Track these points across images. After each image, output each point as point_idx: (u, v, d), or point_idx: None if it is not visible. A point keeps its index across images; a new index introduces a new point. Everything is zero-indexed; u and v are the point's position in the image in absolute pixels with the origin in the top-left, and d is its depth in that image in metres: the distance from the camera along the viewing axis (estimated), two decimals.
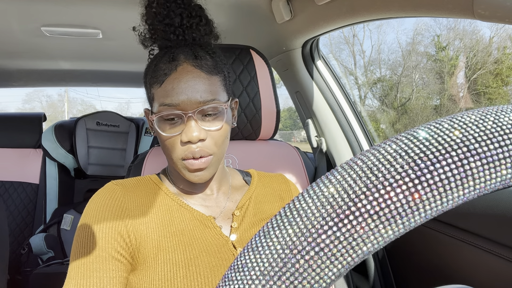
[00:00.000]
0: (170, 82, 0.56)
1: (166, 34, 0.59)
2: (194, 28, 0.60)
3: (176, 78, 0.56)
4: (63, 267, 1.49)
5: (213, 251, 0.58)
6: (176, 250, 0.56)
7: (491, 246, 0.74)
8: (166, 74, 0.56)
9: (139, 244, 0.56)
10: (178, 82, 0.55)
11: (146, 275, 0.55)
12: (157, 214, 0.59)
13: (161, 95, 0.56)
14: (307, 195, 0.20)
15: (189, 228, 0.59)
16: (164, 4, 0.59)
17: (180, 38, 0.59)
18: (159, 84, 0.57)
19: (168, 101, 0.55)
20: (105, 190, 0.59)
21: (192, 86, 0.56)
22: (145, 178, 0.65)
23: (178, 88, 0.55)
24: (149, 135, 2.05)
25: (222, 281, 0.21)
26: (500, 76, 11.97)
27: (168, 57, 0.57)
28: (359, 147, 1.23)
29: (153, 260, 0.55)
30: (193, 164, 0.56)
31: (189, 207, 0.61)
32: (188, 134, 0.55)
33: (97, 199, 0.58)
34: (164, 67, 0.57)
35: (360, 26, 11.39)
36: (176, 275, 0.54)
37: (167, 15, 0.59)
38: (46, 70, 1.84)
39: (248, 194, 0.68)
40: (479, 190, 0.19)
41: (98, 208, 0.56)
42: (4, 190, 1.81)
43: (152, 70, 0.59)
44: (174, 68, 0.56)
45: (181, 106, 0.55)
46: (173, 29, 0.59)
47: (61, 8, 1.06)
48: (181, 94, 0.55)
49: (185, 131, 0.55)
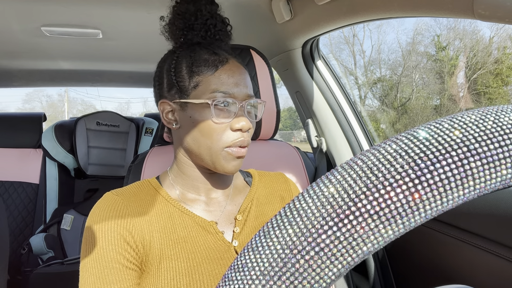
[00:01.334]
0: (224, 71, 0.59)
1: (201, 32, 0.63)
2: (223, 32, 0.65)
3: (230, 69, 0.59)
4: (63, 267, 1.49)
5: (216, 258, 0.58)
6: (179, 258, 0.56)
7: (491, 246, 0.74)
8: (219, 64, 0.59)
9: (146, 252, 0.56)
10: (232, 73, 0.59)
11: (150, 283, 0.54)
12: (159, 221, 0.59)
13: (214, 83, 0.58)
14: (307, 195, 0.20)
15: (191, 235, 0.59)
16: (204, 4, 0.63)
17: (216, 38, 0.63)
18: (212, 72, 0.58)
19: (224, 89, 0.58)
20: (106, 201, 0.59)
21: (244, 79, 0.60)
22: (144, 184, 0.64)
23: (233, 78, 0.59)
24: (149, 135, 2.05)
25: (222, 281, 0.21)
26: (500, 76, 11.97)
27: (209, 51, 0.60)
28: (359, 147, 1.23)
29: (156, 268, 0.55)
30: (239, 151, 0.59)
31: (190, 213, 0.61)
32: (241, 122, 0.58)
33: (99, 211, 0.57)
34: (214, 58, 0.59)
35: (360, 26, 11.41)
36: (179, 283, 0.54)
37: (205, 14, 0.63)
38: (46, 70, 1.84)
39: (250, 196, 0.68)
40: (479, 190, 0.19)
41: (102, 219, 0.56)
42: (4, 190, 1.81)
43: (193, 60, 0.59)
44: (226, 60, 0.60)
45: (235, 96, 0.59)
46: (208, 28, 0.63)
47: (61, 8, 1.06)
48: (235, 85, 0.59)
49: (238, 119, 0.58)
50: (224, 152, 0.58)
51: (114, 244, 0.54)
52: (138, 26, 1.21)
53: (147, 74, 2.02)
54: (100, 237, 0.54)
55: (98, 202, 0.59)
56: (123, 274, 0.53)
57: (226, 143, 0.58)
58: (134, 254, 0.55)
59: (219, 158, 0.59)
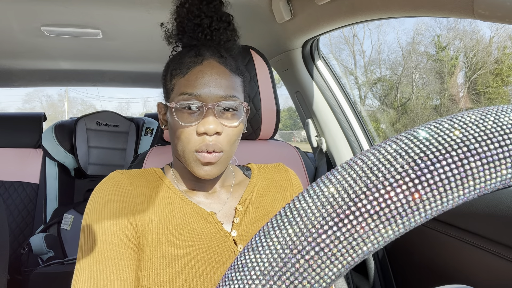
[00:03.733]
0: (194, 73, 0.57)
1: (195, 33, 0.61)
2: (222, 32, 0.62)
3: (201, 70, 0.57)
4: (63, 267, 1.49)
5: (213, 247, 0.58)
6: (176, 244, 0.56)
7: (491, 246, 0.74)
8: (191, 66, 0.58)
9: (143, 234, 0.56)
10: (202, 74, 0.57)
11: (145, 268, 0.54)
12: (159, 206, 0.59)
13: (183, 85, 0.58)
14: (307, 195, 0.20)
15: (190, 222, 0.59)
16: (197, 5, 0.61)
17: (207, 38, 0.62)
18: (183, 75, 0.58)
19: (189, 91, 0.56)
20: (111, 179, 0.59)
21: (216, 80, 0.57)
22: (149, 170, 0.65)
23: (202, 80, 0.57)
24: (149, 135, 2.06)
25: (222, 280, 0.21)
26: (500, 76, 11.97)
27: (194, 52, 0.59)
28: (359, 147, 1.23)
29: (152, 253, 0.55)
30: (205, 157, 0.56)
31: (191, 202, 0.61)
32: (205, 125, 0.55)
33: (104, 187, 0.57)
34: (190, 60, 0.58)
35: (360, 26, 11.40)
36: (175, 269, 0.54)
37: (198, 15, 0.61)
38: (46, 70, 1.85)
39: (250, 188, 0.68)
40: (479, 190, 0.19)
41: (106, 195, 0.56)
42: (4, 190, 1.81)
43: (175, 63, 0.60)
44: (200, 62, 0.58)
45: (202, 98, 0.56)
46: (202, 29, 0.61)
47: (61, 8, 1.06)
48: (204, 86, 0.56)
49: (202, 122, 0.56)
50: (194, 156, 0.58)
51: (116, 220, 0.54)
52: (138, 26, 1.21)
53: (147, 74, 2.02)
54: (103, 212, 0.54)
55: (104, 180, 0.59)
56: (122, 251, 0.53)
57: (194, 147, 0.57)
58: (134, 233, 0.55)
59: (190, 162, 0.58)
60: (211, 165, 0.58)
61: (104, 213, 0.54)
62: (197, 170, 0.58)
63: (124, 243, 0.53)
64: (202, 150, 0.56)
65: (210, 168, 0.58)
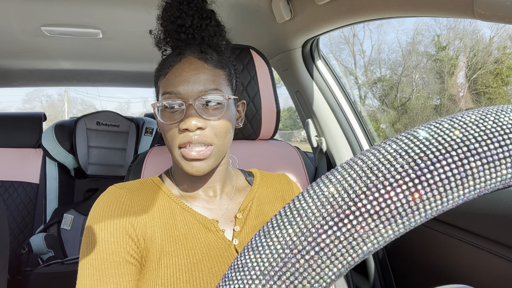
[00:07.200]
0: (173, 72, 0.58)
1: (178, 34, 0.62)
2: (204, 29, 0.63)
3: (179, 68, 0.58)
4: (63, 267, 1.49)
5: (216, 256, 0.58)
6: (179, 254, 0.56)
7: (491, 246, 0.74)
8: (171, 65, 0.59)
9: (147, 247, 0.56)
10: (180, 72, 0.58)
11: (149, 279, 0.54)
12: (160, 217, 0.59)
13: (164, 85, 0.59)
14: (307, 195, 0.20)
15: (192, 232, 0.59)
16: (177, 6, 0.62)
17: (190, 37, 0.62)
18: (164, 75, 0.59)
19: (170, 89, 0.57)
20: (109, 194, 0.59)
21: (194, 76, 0.57)
22: (146, 181, 0.65)
23: (180, 77, 0.57)
24: (149, 135, 2.06)
25: (222, 280, 0.21)
26: (500, 76, 11.97)
27: (176, 52, 0.61)
28: (359, 147, 1.23)
29: (156, 264, 0.55)
30: (188, 153, 0.56)
31: (192, 210, 0.61)
32: (186, 122, 0.55)
33: (102, 203, 0.57)
34: (171, 60, 0.60)
35: (360, 26, 11.41)
36: (179, 279, 0.54)
37: (180, 16, 0.62)
38: (46, 69, 1.84)
39: (251, 196, 0.68)
40: (479, 190, 0.19)
41: (105, 211, 0.56)
42: (4, 190, 1.81)
43: (160, 65, 0.62)
44: (179, 60, 0.59)
45: (182, 95, 0.57)
46: (184, 29, 0.62)
47: (61, 8, 1.06)
48: (182, 83, 0.57)
49: (183, 119, 0.56)
50: (179, 152, 0.58)
51: (116, 237, 0.54)
52: (138, 26, 1.21)
53: (147, 74, 2.02)
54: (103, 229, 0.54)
55: (102, 195, 0.59)
56: (123, 268, 0.52)
57: (177, 143, 0.57)
58: (135, 248, 0.55)
59: (178, 159, 0.59)
60: (200, 161, 0.57)
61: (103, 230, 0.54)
62: (185, 166, 0.58)
63: (126, 260, 0.53)
64: (185, 145, 0.56)
65: (199, 164, 0.57)
